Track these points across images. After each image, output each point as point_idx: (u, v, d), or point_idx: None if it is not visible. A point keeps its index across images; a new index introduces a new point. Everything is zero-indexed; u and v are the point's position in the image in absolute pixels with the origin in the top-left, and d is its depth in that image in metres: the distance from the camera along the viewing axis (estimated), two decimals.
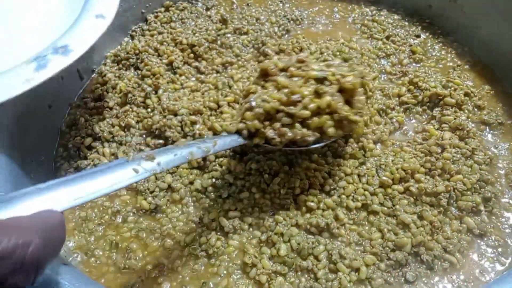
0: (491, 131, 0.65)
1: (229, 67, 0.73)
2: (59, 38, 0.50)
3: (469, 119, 0.65)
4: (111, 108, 0.64)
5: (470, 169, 0.58)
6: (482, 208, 0.54)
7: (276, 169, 0.57)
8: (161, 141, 0.61)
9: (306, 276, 0.49)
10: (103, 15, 0.54)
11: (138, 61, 0.72)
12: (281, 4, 0.91)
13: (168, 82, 0.69)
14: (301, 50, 0.73)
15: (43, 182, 0.52)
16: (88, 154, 0.59)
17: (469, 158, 0.59)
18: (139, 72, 0.71)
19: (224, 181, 0.57)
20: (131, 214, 0.55)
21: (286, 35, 0.83)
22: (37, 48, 0.49)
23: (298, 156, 0.59)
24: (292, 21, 0.86)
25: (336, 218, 0.53)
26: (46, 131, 0.62)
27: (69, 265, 0.39)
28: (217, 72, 0.72)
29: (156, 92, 0.67)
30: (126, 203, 0.56)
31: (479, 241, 0.53)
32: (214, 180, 0.57)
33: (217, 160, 0.59)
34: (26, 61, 0.47)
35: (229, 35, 0.79)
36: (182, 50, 0.74)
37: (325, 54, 0.74)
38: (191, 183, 0.57)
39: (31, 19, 0.56)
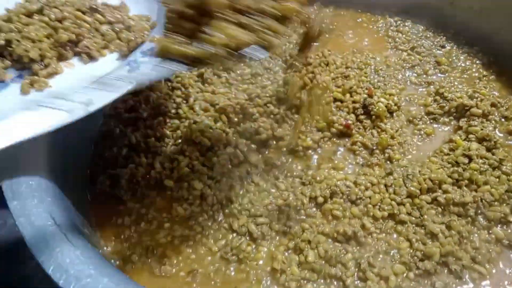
0: None
1: (258, 78, 0.75)
2: (145, 44, 0.55)
3: (496, 130, 0.66)
4: (145, 119, 0.67)
5: (497, 179, 0.58)
6: (511, 219, 0.55)
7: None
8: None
9: (335, 283, 0.50)
10: None
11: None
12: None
13: (197, 92, 0.72)
14: (327, 65, 0.74)
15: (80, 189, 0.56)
16: (125, 163, 0.62)
17: (496, 169, 0.59)
18: (170, 84, 0.73)
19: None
20: (166, 220, 0.57)
21: (314, 45, 0.84)
22: None
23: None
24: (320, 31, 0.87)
25: (363, 227, 0.54)
26: (83, 140, 0.64)
27: (113, 268, 0.42)
28: (247, 83, 0.74)
29: (187, 101, 0.69)
30: (162, 210, 0.58)
31: (509, 251, 0.53)
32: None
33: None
34: (119, 66, 0.52)
35: None
36: None
37: (351, 67, 0.75)
38: (219, 190, 0.59)
39: None
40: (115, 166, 0.61)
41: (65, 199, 0.49)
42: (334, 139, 0.67)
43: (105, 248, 0.54)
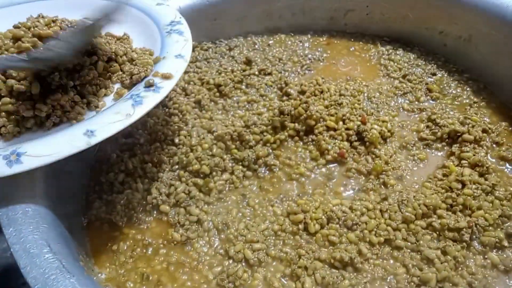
0: (511, 167, 0.66)
1: (254, 105, 0.76)
2: (148, 77, 0.57)
3: (488, 155, 0.67)
4: (141, 145, 0.67)
5: (491, 204, 0.59)
6: (506, 244, 0.55)
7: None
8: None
9: None
10: (182, 55, 0.61)
11: (166, 99, 0.76)
12: (300, 44, 0.95)
13: (195, 119, 0.73)
14: (321, 92, 0.76)
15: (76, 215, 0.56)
16: (121, 189, 0.62)
17: (489, 194, 0.60)
18: (167, 110, 0.74)
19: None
20: (162, 246, 0.56)
21: (308, 73, 0.86)
22: None
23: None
24: (313, 60, 0.90)
25: (360, 253, 0.54)
26: (79, 166, 0.65)
27: None
28: (244, 110, 0.76)
29: (184, 128, 0.70)
30: (157, 236, 0.58)
31: (505, 277, 0.53)
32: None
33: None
34: (122, 99, 0.54)
35: (253, 76, 0.83)
36: (209, 89, 0.78)
37: (345, 95, 0.77)
38: (216, 215, 0.60)
39: None
40: (111, 192, 0.62)
41: (61, 225, 0.49)
42: (328, 166, 0.67)
43: (99, 275, 0.54)
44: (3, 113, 0.52)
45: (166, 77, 0.57)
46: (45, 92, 0.53)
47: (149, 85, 0.56)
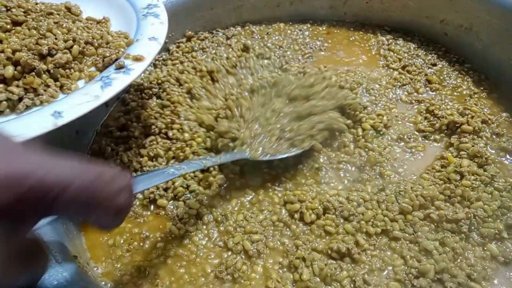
0: (511, 158, 0.66)
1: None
2: (120, 58, 0.57)
3: (488, 146, 0.66)
4: (136, 138, 0.67)
5: (490, 196, 0.58)
6: (505, 235, 0.54)
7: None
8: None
9: None
10: (155, 37, 0.61)
11: (160, 90, 0.76)
12: (300, 33, 0.94)
13: (186, 110, 0.72)
14: (324, 78, 0.75)
15: None
16: None
17: (488, 185, 0.60)
18: (160, 101, 0.74)
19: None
20: (159, 240, 0.56)
21: (309, 62, 0.86)
22: None
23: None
24: (314, 49, 0.89)
25: (357, 243, 0.54)
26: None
27: None
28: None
29: (175, 121, 0.69)
30: (155, 229, 0.58)
31: (504, 269, 0.53)
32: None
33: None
34: (91, 81, 0.54)
35: (250, 60, 0.82)
36: (201, 77, 0.78)
37: (344, 87, 0.76)
38: (213, 207, 0.59)
39: None
40: None
41: (55, 218, 0.48)
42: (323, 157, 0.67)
43: (95, 269, 0.53)
44: None
45: (138, 59, 0.57)
46: (18, 75, 0.53)
47: (119, 67, 0.55)
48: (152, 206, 0.60)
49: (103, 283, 0.52)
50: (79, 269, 0.41)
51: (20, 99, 0.52)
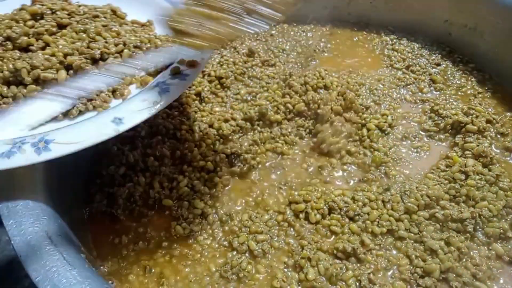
0: None
1: (257, 96, 0.76)
2: (175, 63, 0.56)
3: (492, 146, 0.66)
4: (143, 138, 0.67)
5: (495, 195, 0.58)
6: (510, 234, 0.54)
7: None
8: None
9: None
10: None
11: None
12: (304, 34, 0.94)
13: (195, 112, 0.72)
14: (325, 86, 0.75)
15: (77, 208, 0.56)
16: (123, 182, 0.61)
17: (493, 185, 0.60)
18: None
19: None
20: (164, 239, 0.56)
21: (312, 64, 0.86)
22: None
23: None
24: (317, 51, 0.89)
25: (362, 243, 0.54)
26: (79, 158, 0.64)
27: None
28: (243, 101, 0.75)
29: (185, 122, 0.70)
30: (160, 229, 0.58)
31: (509, 268, 0.53)
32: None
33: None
34: (148, 87, 0.53)
35: (256, 67, 0.82)
36: (210, 81, 0.78)
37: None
38: (218, 207, 0.60)
39: None
40: (113, 185, 0.61)
41: (62, 218, 0.49)
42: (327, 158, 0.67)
43: (101, 267, 0.54)
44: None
45: (191, 64, 0.56)
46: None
47: (175, 73, 0.55)
48: (157, 206, 0.60)
49: (110, 282, 0.52)
50: (87, 267, 0.41)
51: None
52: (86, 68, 0.53)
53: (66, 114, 0.51)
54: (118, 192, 0.59)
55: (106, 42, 0.56)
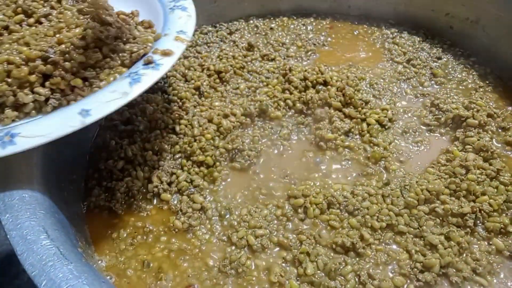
0: None
1: (257, 90, 0.75)
2: (148, 54, 0.55)
3: (493, 140, 0.66)
4: (141, 132, 0.66)
5: (496, 190, 0.58)
6: (511, 229, 0.54)
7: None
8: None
9: None
10: (184, 31, 0.59)
11: (166, 85, 0.75)
12: (304, 28, 0.93)
13: (194, 106, 0.72)
14: (324, 81, 0.74)
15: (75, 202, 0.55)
16: (121, 176, 0.61)
17: (494, 179, 0.59)
18: (166, 96, 0.73)
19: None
20: (163, 234, 0.56)
21: (312, 58, 0.85)
22: None
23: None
24: (317, 45, 0.88)
25: (362, 238, 0.54)
26: (77, 152, 0.64)
27: (107, 282, 0.41)
28: (242, 96, 0.75)
29: (184, 117, 0.69)
30: (158, 223, 0.58)
31: (510, 262, 0.52)
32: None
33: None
34: (120, 78, 0.52)
35: (256, 62, 0.82)
36: (209, 76, 0.77)
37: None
38: (217, 201, 0.59)
39: None
40: (111, 179, 0.61)
41: (59, 212, 0.48)
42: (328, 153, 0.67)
43: (99, 262, 0.53)
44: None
45: (166, 53, 0.55)
46: (44, 76, 0.51)
47: (148, 62, 0.54)
48: (155, 200, 0.60)
49: (108, 277, 0.52)
50: (84, 262, 0.41)
51: (46, 100, 0.50)
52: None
53: (40, 110, 0.50)
54: (116, 186, 0.59)
55: None
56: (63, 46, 0.52)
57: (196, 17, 0.63)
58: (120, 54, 0.56)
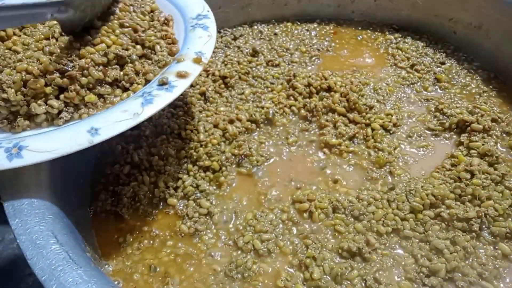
0: None
1: (262, 96, 0.76)
2: (163, 73, 0.54)
3: (498, 145, 0.66)
4: (147, 137, 0.67)
5: (501, 194, 0.58)
6: None
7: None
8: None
9: None
10: (203, 53, 0.57)
11: None
12: (307, 33, 0.94)
13: (200, 111, 0.72)
14: (328, 87, 0.75)
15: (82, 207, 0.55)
16: (127, 181, 0.61)
17: (499, 184, 0.59)
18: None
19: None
20: (169, 238, 0.56)
21: (316, 63, 0.86)
22: None
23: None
24: (321, 50, 0.89)
25: (367, 243, 0.54)
26: (84, 157, 0.64)
27: (116, 287, 0.41)
28: (248, 101, 0.75)
29: (190, 122, 0.69)
30: (165, 228, 0.58)
31: None
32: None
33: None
34: (133, 96, 0.51)
35: (261, 68, 0.82)
36: (214, 81, 0.78)
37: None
38: (223, 206, 0.60)
39: None
40: (117, 184, 0.61)
41: (66, 217, 0.49)
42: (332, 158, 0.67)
43: (106, 266, 0.54)
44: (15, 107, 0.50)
45: (182, 75, 0.53)
46: (59, 88, 0.51)
47: (162, 83, 0.52)
48: (161, 205, 0.60)
49: (116, 282, 0.52)
50: (93, 266, 0.41)
51: (59, 113, 0.50)
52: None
53: (51, 122, 0.51)
54: (123, 191, 0.60)
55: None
56: (83, 61, 0.52)
57: (215, 37, 0.61)
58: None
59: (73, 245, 0.43)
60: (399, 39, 0.91)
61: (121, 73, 0.55)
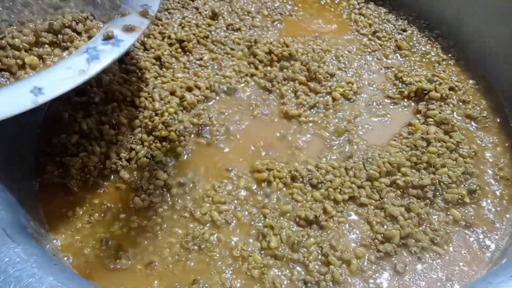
0: (476, 125, 0.67)
1: (223, 63, 0.73)
2: (107, 27, 0.51)
3: (454, 113, 0.67)
4: (97, 104, 0.63)
5: (455, 162, 0.59)
6: (467, 200, 0.56)
7: None
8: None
9: (298, 269, 0.50)
10: (149, 5, 0.54)
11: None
12: None
13: (155, 77, 0.68)
14: (290, 55, 0.73)
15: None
16: (76, 151, 0.58)
17: (454, 152, 0.61)
18: (124, 66, 0.69)
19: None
20: (121, 211, 0.54)
21: (278, 27, 0.83)
22: None
23: None
24: (284, 15, 0.85)
25: (324, 211, 0.54)
26: (26, 125, 0.60)
27: (60, 265, 0.39)
28: (207, 68, 0.72)
29: (144, 89, 0.66)
30: (117, 200, 0.55)
31: (464, 232, 0.54)
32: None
33: None
34: (77, 52, 0.48)
35: (221, 32, 0.78)
36: (170, 45, 0.73)
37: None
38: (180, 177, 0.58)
39: None
40: (65, 154, 0.58)
41: (7, 190, 0.45)
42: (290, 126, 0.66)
43: (54, 241, 0.51)
44: None
45: (129, 29, 0.51)
46: None
47: (107, 38, 0.49)
48: (113, 177, 0.57)
49: (65, 257, 0.50)
50: (34, 244, 0.39)
51: None
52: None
53: None
54: (71, 162, 0.56)
55: None
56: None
57: None
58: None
59: (11, 221, 0.40)
60: (362, 4, 0.89)
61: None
